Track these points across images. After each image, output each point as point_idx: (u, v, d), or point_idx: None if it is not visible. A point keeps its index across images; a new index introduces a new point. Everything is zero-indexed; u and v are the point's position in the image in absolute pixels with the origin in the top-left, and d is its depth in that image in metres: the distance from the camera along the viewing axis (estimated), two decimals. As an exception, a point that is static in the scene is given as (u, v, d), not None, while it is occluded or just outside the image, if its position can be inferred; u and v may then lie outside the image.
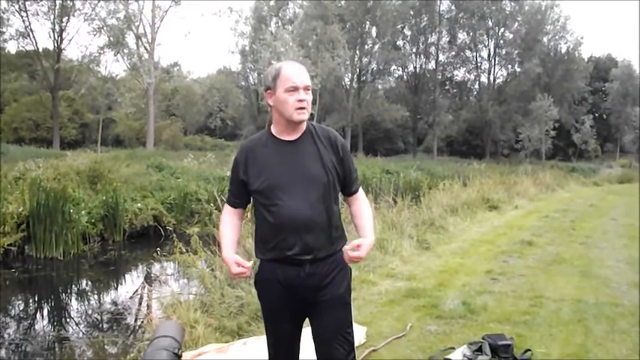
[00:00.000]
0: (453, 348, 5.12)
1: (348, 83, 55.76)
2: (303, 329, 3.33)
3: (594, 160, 61.94)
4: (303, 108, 3.01)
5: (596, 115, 66.84)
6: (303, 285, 3.06)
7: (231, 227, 3.26)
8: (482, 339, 5.19)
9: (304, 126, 3.12)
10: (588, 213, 17.75)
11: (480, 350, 5.02)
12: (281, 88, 3.01)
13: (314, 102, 41.42)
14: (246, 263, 3.08)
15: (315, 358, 3.20)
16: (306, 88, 3.03)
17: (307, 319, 3.25)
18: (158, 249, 7.64)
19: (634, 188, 31.66)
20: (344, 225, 3.31)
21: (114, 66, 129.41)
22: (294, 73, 3.01)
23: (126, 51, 41.97)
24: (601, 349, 5.29)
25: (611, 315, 6.34)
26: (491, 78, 64.21)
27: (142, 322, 7.90)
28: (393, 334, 5.67)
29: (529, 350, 5.13)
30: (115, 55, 42.21)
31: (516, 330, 5.76)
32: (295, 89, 2.99)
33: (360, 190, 3.31)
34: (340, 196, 3.26)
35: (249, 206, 3.38)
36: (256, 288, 3.32)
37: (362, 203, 3.29)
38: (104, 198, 14.28)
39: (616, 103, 65.58)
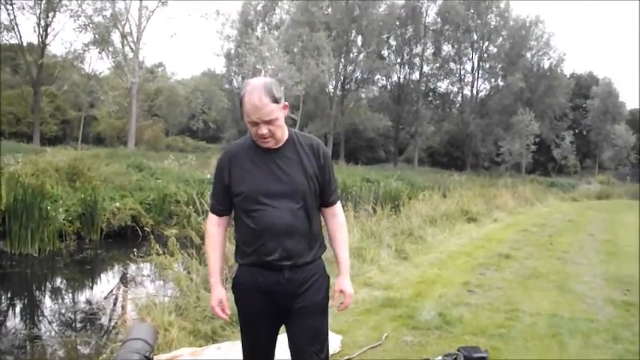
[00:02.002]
0: (429, 359, 5.11)
1: (332, 91, 55.87)
2: (279, 335, 3.31)
3: (573, 175, 62.36)
4: (265, 139, 2.99)
5: (577, 131, 67.30)
6: (281, 291, 3.05)
7: (218, 247, 3.26)
8: (458, 351, 5.18)
9: (286, 135, 3.11)
10: (566, 228, 17.85)
11: (454, 362, 5.02)
12: (245, 117, 3.00)
13: (297, 108, 41.50)
14: (227, 310, 3.22)
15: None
16: (268, 122, 2.95)
17: (283, 326, 3.23)
18: (135, 249, 7.58)
19: (612, 204, 32.01)
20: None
21: (98, 64, 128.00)
22: (252, 109, 2.93)
23: (111, 49, 41.82)
24: (575, 365, 5.30)
25: (586, 330, 6.38)
26: (474, 91, 64.70)
27: (116, 323, 7.82)
28: (369, 343, 5.65)
29: (504, 363, 5.13)
30: (99, 53, 42.07)
31: (491, 343, 5.76)
32: (255, 124, 2.96)
33: (339, 205, 3.30)
34: None
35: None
36: (234, 292, 3.29)
37: (339, 223, 3.30)
38: (82, 196, 14.16)
39: (596, 120, 66.19)
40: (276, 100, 2.96)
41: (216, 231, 3.25)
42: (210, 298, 3.25)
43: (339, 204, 3.29)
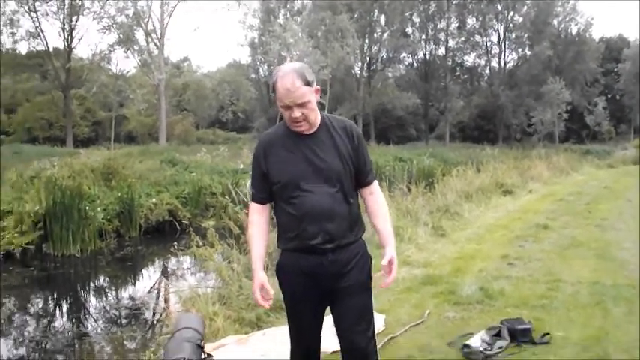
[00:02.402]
0: (472, 333, 5.14)
1: (359, 72, 55.63)
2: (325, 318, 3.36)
3: (608, 142, 61.33)
4: (298, 122, 3.02)
5: (609, 96, 66.15)
6: (325, 272, 3.08)
7: (261, 234, 3.26)
8: (501, 323, 5.21)
9: (319, 119, 3.13)
10: (603, 195, 17.66)
11: (498, 335, 5.04)
12: (278, 101, 3.04)
13: (325, 92, 41.42)
14: (270, 293, 3.18)
15: (333, 347, 3.23)
16: (300, 105, 2.99)
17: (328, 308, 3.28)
18: (174, 243, 7.68)
19: (649, 169, 31.49)
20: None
21: (124, 63, 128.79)
22: (285, 92, 2.97)
23: (136, 48, 42.26)
24: (620, 331, 5.29)
25: (629, 297, 6.33)
26: (502, 62, 63.85)
27: (161, 316, 7.96)
28: (412, 321, 5.69)
29: (547, 334, 5.14)
30: (125, 52, 42.58)
31: (534, 314, 5.76)
32: (288, 107, 3.00)
33: (376, 184, 3.30)
34: None
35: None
36: (278, 277, 3.34)
37: (378, 200, 3.29)
38: (119, 194, 14.36)
39: (629, 83, 64.79)
40: (308, 83, 2.99)
41: (258, 219, 3.26)
42: (252, 285, 3.26)
43: (376, 183, 3.30)
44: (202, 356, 2.74)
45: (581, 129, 63.07)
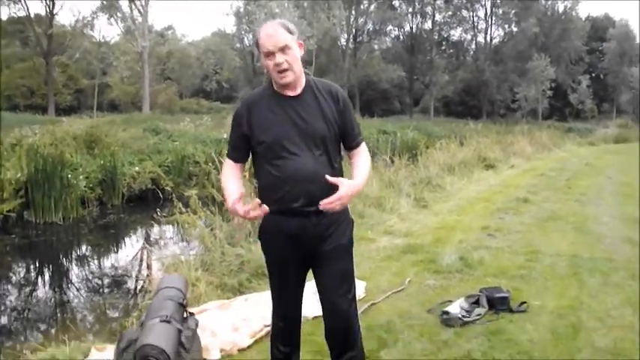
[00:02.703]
0: (451, 301, 5.21)
1: (344, 44, 55.48)
2: (306, 284, 3.41)
3: (591, 120, 61.72)
4: (283, 71, 3.01)
5: (593, 75, 66.47)
6: (307, 235, 3.12)
7: (235, 178, 3.25)
8: (480, 292, 5.29)
9: (304, 81, 3.14)
10: (584, 172, 17.82)
11: (477, 303, 5.12)
12: (261, 53, 3.05)
13: (310, 63, 41.24)
14: (247, 207, 2.97)
15: (315, 313, 3.26)
16: (282, 50, 2.99)
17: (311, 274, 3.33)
18: (158, 211, 7.70)
19: (630, 148, 31.76)
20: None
21: (108, 30, 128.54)
22: (266, 37, 2.99)
23: (119, 14, 41.79)
24: (595, 301, 5.39)
25: (604, 269, 6.45)
26: (488, 38, 63.89)
27: (144, 283, 7.97)
28: (392, 288, 5.77)
29: (525, 302, 5.23)
30: (108, 19, 42.07)
31: (512, 284, 5.85)
32: (271, 54, 3.00)
33: (363, 146, 3.31)
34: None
35: (248, 165, 3.42)
36: (260, 241, 3.39)
37: (361, 155, 3.28)
38: (102, 162, 14.31)
39: (613, 63, 65.13)
40: (290, 32, 3.02)
41: (230, 169, 3.26)
42: (229, 208, 3.12)
43: (364, 145, 3.31)
44: (185, 315, 2.77)
45: (564, 106, 63.41)
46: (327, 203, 2.89)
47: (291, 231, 3.12)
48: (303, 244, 3.15)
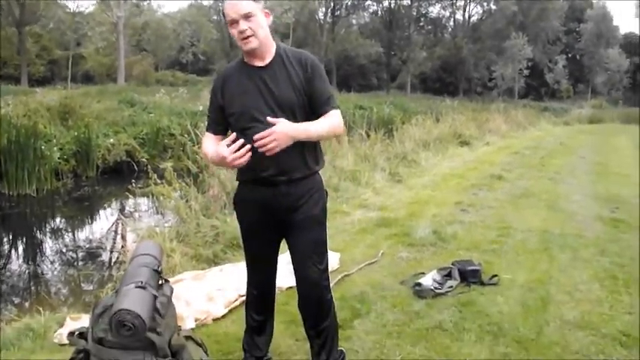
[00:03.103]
0: (424, 273, 5.27)
1: (322, 18, 55.29)
2: (280, 255, 3.45)
3: (566, 100, 62.06)
4: (246, 37, 3.01)
5: (570, 55, 66.93)
6: (278, 205, 3.14)
7: (215, 145, 3.16)
8: (452, 264, 5.37)
9: (273, 51, 3.14)
10: (558, 151, 17.99)
11: (449, 275, 5.19)
12: (227, 23, 3.06)
13: (287, 36, 41.03)
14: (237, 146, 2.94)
15: (289, 284, 3.29)
16: (245, 17, 2.98)
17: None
18: (133, 181, 7.68)
19: (604, 128, 32.10)
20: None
21: None
22: (230, 6, 2.99)
23: (94, -18, 41.13)
24: (564, 276, 5.50)
25: (574, 245, 6.57)
26: (467, 15, 64.15)
27: (119, 255, 7.95)
28: (366, 260, 5.83)
29: (496, 276, 5.31)
30: (83, -12, 41.36)
31: (484, 257, 5.94)
32: (235, 22, 3.00)
33: (333, 111, 3.17)
34: None
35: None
36: (235, 209, 3.45)
37: (326, 116, 3.15)
38: (76, 134, 14.18)
39: (589, 44, 65.52)
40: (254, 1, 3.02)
41: (211, 141, 3.23)
42: (219, 158, 3.01)
43: (334, 112, 3.19)
44: (160, 282, 2.79)
45: (540, 86, 63.83)
46: (259, 137, 2.84)
47: (262, 200, 3.16)
48: (275, 214, 3.18)
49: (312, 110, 3.14)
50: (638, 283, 5.26)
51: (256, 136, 2.85)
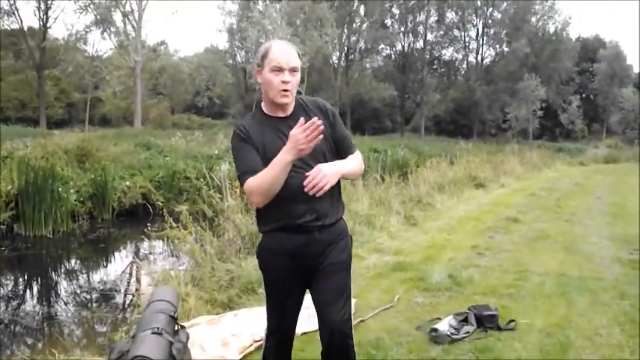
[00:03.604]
0: (440, 318, 5.23)
1: (336, 62, 55.70)
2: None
3: (581, 140, 62.06)
4: (286, 90, 3.01)
5: (583, 95, 66.88)
6: (309, 252, 3.13)
7: None
8: (468, 310, 5.32)
9: (294, 102, 3.15)
10: (574, 191, 17.92)
11: (465, 320, 5.14)
12: (267, 67, 3.03)
13: (302, 81, 41.30)
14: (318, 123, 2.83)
15: (304, 329, 3.24)
16: (292, 70, 3.02)
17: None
18: (148, 224, 7.70)
19: (619, 168, 31.98)
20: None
21: (101, 44, 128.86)
22: (281, 53, 3.01)
23: (113, 29, 41.71)
24: (583, 320, 5.43)
25: (593, 288, 6.49)
26: (479, 58, 64.30)
27: (133, 298, 7.94)
28: (381, 305, 5.79)
29: (513, 321, 5.25)
30: (101, 34, 41.99)
31: (501, 302, 5.88)
32: (280, 70, 3.00)
33: (357, 152, 3.31)
34: None
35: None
36: (260, 259, 3.37)
37: (351, 156, 3.23)
38: (92, 176, 14.29)
39: (603, 83, 65.68)
40: (300, 57, 3.07)
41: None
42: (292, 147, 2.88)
43: (357, 153, 3.29)
44: (176, 328, 2.79)
45: (554, 126, 63.78)
46: (310, 176, 2.83)
47: (293, 249, 3.13)
48: (304, 261, 3.16)
49: (338, 154, 3.18)
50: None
51: (307, 178, 2.84)
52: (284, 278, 3.25)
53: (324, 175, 2.86)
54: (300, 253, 3.13)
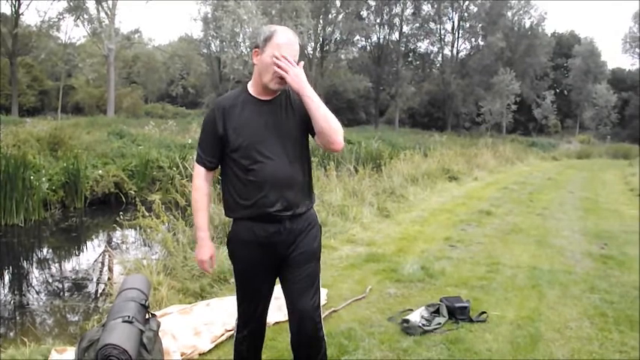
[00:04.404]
0: (412, 310, 5.27)
1: (311, 53, 55.52)
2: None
3: (554, 135, 62.56)
4: (283, 78, 3.01)
5: (557, 90, 67.43)
6: (280, 241, 3.13)
7: (207, 200, 3.29)
8: (440, 301, 5.35)
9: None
10: (546, 186, 18.10)
11: (437, 312, 5.18)
12: (269, 51, 3.01)
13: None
14: (214, 265, 3.33)
15: (275, 319, 3.25)
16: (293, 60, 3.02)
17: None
18: (121, 213, 7.65)
19: (592, 163, 32.33)
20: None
21: (74, 32, 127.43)
22: (288, 43, 3.01)
23: (86, 16, 41.20)
24: (553, 313, 5.49)
25: (564, 281, 6.58)
26: (455, 51, 64.43)
27: (105, 287, 7.90)
28: (353, 296, 5.81)
29: (484, 312, 5.30)
30: (75, 21, 41.46)
31: (473, 294, 5.94)
32: (283, 58, 2.99)
33: None
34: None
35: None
36: (229, 249, 3.35)
37: None
38: (65, 165, 14.13)
39: (577, 79, 66.24)
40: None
41: (204, 185, 3.25)
42: (199, 252, 3.27)
43: None
44: (147, 316, 2.77)
45: (528, 121, 64.25)
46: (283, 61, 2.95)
47: (264, 238, 3.13)
48: (275, 250, 3.16)
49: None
50: (627, 321, 5.25)
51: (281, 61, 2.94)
52: (254, 267, 3.25)
53: (294, 70, 2.96)
54: (271, 242, 3.13)
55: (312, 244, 3.23)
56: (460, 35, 63.75)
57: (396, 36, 61.77)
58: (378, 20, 60.89)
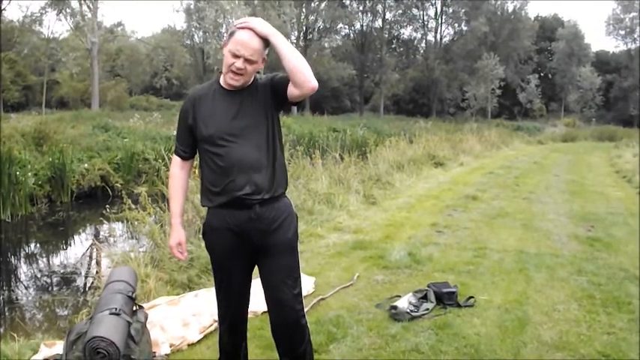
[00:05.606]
0: (399, 296, 5.29)
1: (295, 41, 55.35)
2: (255, 280, 3.41)
3: (539, 119, 62.75)
4: (239, 75, 3.05)
5: (542, 74, 67.60)
6: (252, 229, 3.14)
7: (182, 188, 3.39)
8: (428, 287, 5.38)
9: (251, 79, 3.17)
10: (532, 170, 18.17)
11: (425, 298, 5.20)
12: (229, 47, 3.05)
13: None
14: (185, 252, 3.43)
15: (264, 308, 3.27)
16: (248, 60, 3.03)
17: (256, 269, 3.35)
18: (107, 207, 7.63)
19: (577, 146, 32.48)
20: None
21: (57, 26, 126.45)
22: (241, 43, 3.02)
23: (68, 10, 40.92)
24: (541, 296, 5.53)
25: (551, 265, 6.63)
26: (438, 37, 64.42)
27: (93, 280, 7.88)
28: (341, 283, 5.83)
29: (472, 297, 5.33)
30: (57, 15, 41.20)
31: (460, 279, 5.96)
32: (236, 56, 3.02)
33: None
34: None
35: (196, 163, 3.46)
36: (205, 238, 3.39)
37: None
38: (50, 159, 14.08)
39: (561, 62, 66.41)
40: (265, 45, 3.07)
41: (179, 172, 3.36)
42: (170, 238, 3.37)
43: None
44: (134, 308, 2.78)
45: (513, 105, 64.41)
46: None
47: (236, 226, 3.15)
48: (248, 239, 3.17)
49: (286, 88, 3.11)
50: (615, 303, 5.30)
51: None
52: (229, 256, 3.27)
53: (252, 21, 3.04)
54: (244, 230, 3.15)
55: (286, 235, 3.24)
56: (443, 21, 63.76)
57: (379, 23, 61.74)
58: (360, 8, 60.77)
